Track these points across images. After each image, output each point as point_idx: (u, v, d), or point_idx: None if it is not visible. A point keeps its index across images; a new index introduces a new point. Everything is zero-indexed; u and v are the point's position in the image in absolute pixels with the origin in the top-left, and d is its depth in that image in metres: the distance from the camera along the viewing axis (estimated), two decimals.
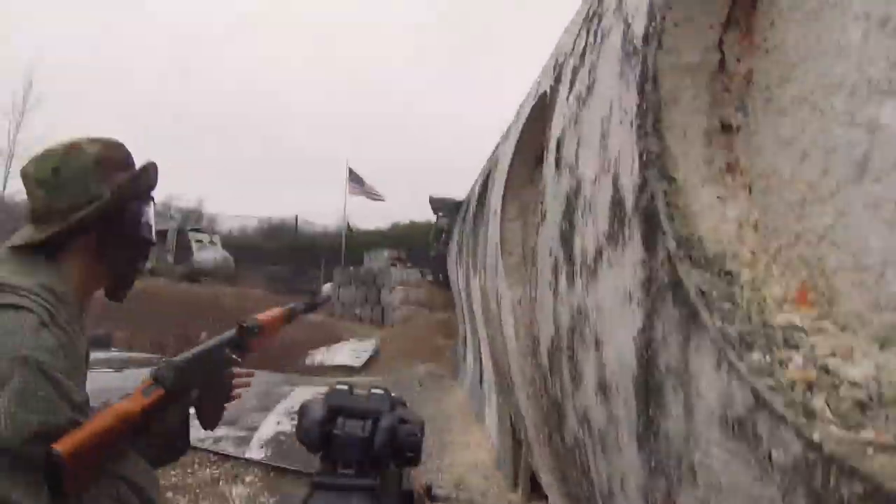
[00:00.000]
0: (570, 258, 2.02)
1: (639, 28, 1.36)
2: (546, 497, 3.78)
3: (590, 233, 1.78)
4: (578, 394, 1.95)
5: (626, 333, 1.43)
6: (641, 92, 1.30)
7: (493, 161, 5.35)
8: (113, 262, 1.51)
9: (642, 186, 1.33)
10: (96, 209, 1.43)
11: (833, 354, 0.98)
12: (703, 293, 1.08)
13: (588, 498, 2.05)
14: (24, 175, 1.49)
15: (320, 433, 0.92)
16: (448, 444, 5.57)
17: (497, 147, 5.33)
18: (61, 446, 1.19)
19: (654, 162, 1.28)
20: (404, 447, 0.94)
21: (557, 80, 2.38)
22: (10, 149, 21.26)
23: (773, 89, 1.14)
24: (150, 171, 1.59)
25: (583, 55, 1.94)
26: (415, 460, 0.95)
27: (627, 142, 1.41)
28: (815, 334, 1.04)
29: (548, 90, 2.62)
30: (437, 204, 11.13)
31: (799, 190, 1.07)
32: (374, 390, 1.00)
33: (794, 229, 1.09)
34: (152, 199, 1.61)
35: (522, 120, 3.56)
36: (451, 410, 6.51)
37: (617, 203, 1.52)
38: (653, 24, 1.28)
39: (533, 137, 3.54)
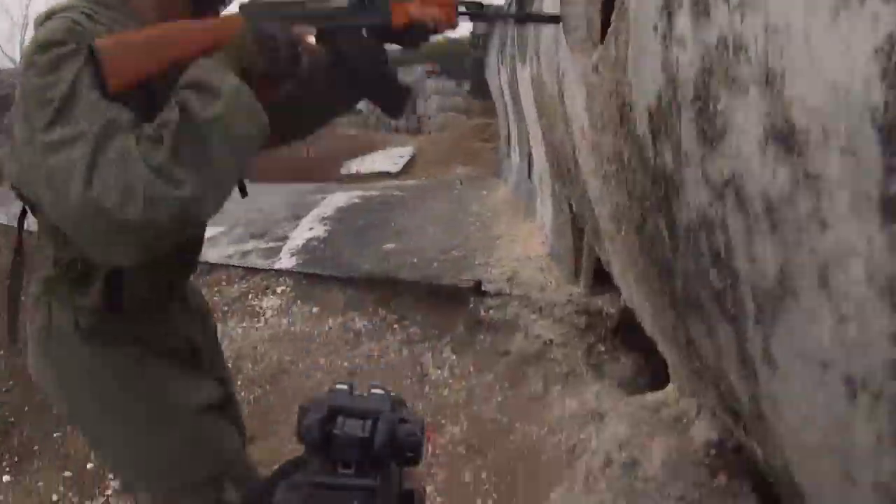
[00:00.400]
0: None
1: None
2: (613, 288, 3.46)
3: None
4: (713, 155, 1.47)
5: (849, 50, 0.91)
6: None
7: None
8: None
9: None
10: None
11: None
12: None
13: (717, 294, 1.63)
14: None
15: (320, 433, 0.90)
16: (495, 239, 5.22)
17: None
18: (99, 40, 1.16)
19: None
20: (404, 447, 0.92)
21: None
22: (24, 19, 20.07)
23: None
24: None
25: None
26: (415, 460, 0.93)
27: None
28: None
29: None
30: (472, 7, 10.12)
31: None
32: (373, 390, 0.97)
33: None
34: None
35: None
36: (497, 206, 6.13)
37: None
38: None
39: None
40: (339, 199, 7.34)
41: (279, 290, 5.06)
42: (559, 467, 2.67)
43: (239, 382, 4.00)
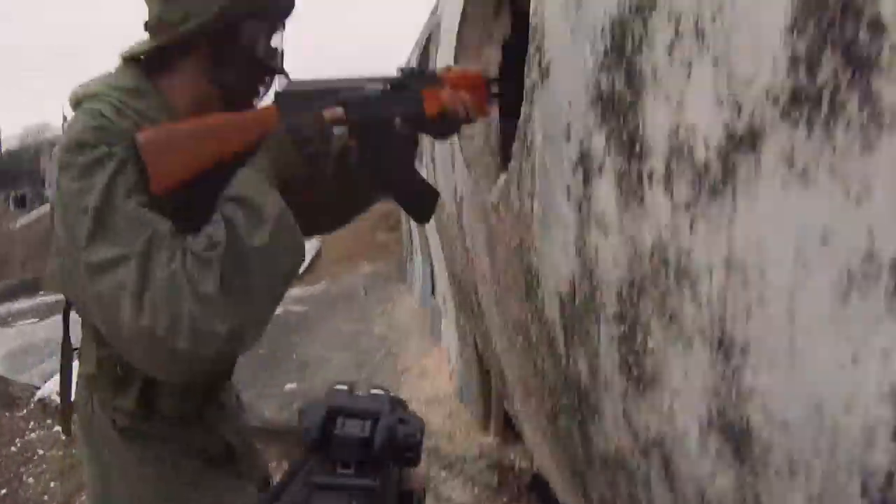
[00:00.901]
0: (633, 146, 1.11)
1: None
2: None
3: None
4: (639, 402, 1.09)
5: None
6: None
7: (432, 24, 4.30)
8: (221, 78, 1.33)
9: None
10: (201, 22, 1.25)
11: None
12: None
13: None
14: None
15: (320, 433, 0.90)
16: (404, 372, 4.80)
17: (436, 7, 4.29)
18: (142, 134, 1.14)
19: None
20: (403, 447, 0.92)
21: None
22: None
23: None
24: None
25: None
26: (414, 460, 0.93)
27: None
28: None
29: None
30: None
31: None
32: (373, 391, 0.98)
33: None
34: (283, 25, 1.38)
35: None
36: (404, 325, 5.71)
37: None
38: None
39: None
40: None
41: None
42: None
43: None
